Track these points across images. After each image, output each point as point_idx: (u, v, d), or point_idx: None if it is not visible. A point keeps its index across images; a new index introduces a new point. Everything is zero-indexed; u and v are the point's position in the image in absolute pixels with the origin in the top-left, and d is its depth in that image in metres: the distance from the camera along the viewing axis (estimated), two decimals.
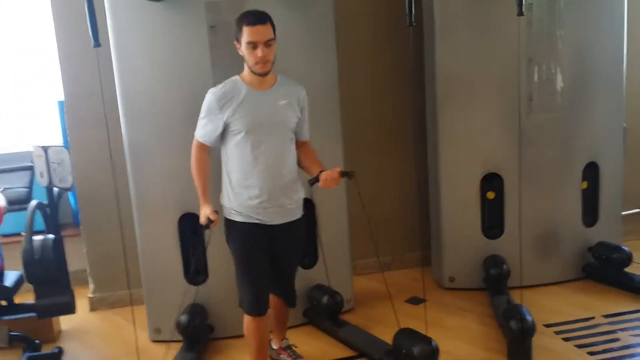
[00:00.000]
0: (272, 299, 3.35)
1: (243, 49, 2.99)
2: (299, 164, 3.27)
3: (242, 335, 3.31)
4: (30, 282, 3.60)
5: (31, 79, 5.30)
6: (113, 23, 3.65)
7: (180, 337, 3.74)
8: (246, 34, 2.94)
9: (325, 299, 3.94)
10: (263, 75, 3.04)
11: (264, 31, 2.94)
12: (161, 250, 3.89)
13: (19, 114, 5.34)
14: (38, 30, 5.06)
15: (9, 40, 5.22)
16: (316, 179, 3.10)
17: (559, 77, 4.25)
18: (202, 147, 3.15)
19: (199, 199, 3.17)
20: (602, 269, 4.43)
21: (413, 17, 2.95)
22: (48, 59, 4.87)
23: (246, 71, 3.08)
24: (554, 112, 4.29)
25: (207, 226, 3.11)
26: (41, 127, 5.30)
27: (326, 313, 3.96)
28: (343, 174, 3.03)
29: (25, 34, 5.20)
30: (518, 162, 4.01)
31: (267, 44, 2.96)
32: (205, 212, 3.11)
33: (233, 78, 3.11)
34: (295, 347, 3.69)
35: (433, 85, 4.32)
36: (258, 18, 2.96)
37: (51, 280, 3.58)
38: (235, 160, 3.10)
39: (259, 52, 2.94)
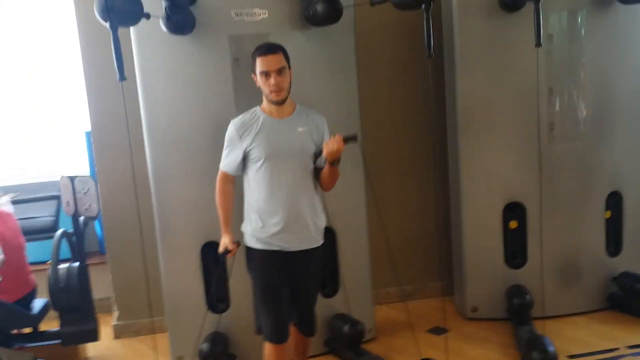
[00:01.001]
0: (292, 327, 3.36)
1: (258, 80, 3.09)
2: (321, 186, 3.31)
3: None
4: (56, 310, 3.67)
5: (60, 110, 5.44)
6: (139, 56, 3.74)
7: None
8: (259, 64, 3.05)
9: (346, 328, 3.93)
10: (279, 103, 3.10)
11: (275, 60, 3.04)
12: (184, 279, 3.93)
13: (47, 144, 5.46)
14: (67, 63, 5.20)
15: (39, 72, 5.36)
16: (320, 152, 3.11)
17: (581, 106, 4.25)
18: (225, 177, 3.21)
19: (221, 228, 3.22)
20: (627, 299, 4.37)
21: (432, 48, 2.99)
22: (76, 90, 5.00)
23: (265, 102, 3.16)
24: (575, 141, 4.28)
25: (224, 255, 3.18)
26: (69, 157, 5.42)
27: (347, 342, 3.95)
28: (345, 139, 3.02)
29: (54, 66, 5.34)
30: (540, 191, 3.99)
31: (280, 72, 3.04)
32: (224, 241, 3.18)
33: (253, 108, 3.20)
34: None
35: (454, 115, 4.35)
36: (268, 48, 3.07)
37: (76, 308, 3.65)
38: (255, 187, 3.15)
39: (272, 80, 3.03)
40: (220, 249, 3.19)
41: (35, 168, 5.42)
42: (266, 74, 3.04)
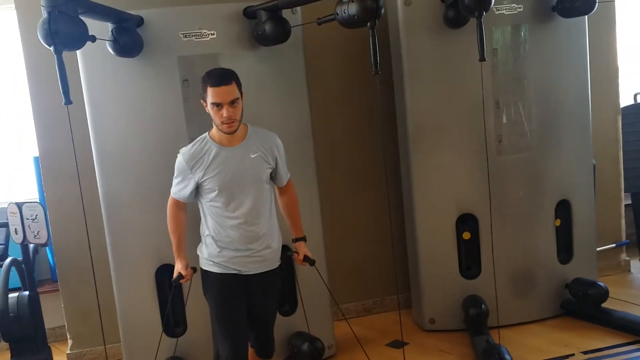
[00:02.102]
0: (250, 349, 3.33)
1: (209, 108, 3.01)
2: (282, 210, 3.32)
3: None
4: (6, 341, 3.57)
5: (7, 135, 5.32)
6: (86, 79, 3.71)
7: None
8: (210, 94, 2.95)
9: (305, 346, 3.92)
10: (230, 134, 3.05)
11: (229, 91, 2.95)
12: (139, 303, 3.88)
13: None
14: (13, 86, 5.10)
15: None
16: (290, 254, 3.53)
17: (527, 118, 4.34)
18: (176, 203, 3.19)
19: (174, 255, 3.20)
20: (580, 305, 4.45)
21: (378, 65, 3.02)
22: (24, 114, 4.90)
23: (214, 129, 3.10)
24: (523, 152, 4.37)
25: (177, 281, 3.20)
26: (17, 183, 5.30)
27: None
28: (305, 259, 3.42)
29: (1, 89, 5.23)
30: (490, 202, 4.06)
31: (232, 103, 2.96)
32: (177, 268, 3.18)
33: (203, 136, 3.14)
34: None
35: (404, 130, 4.39)
36: (222, 79, 2.96)
37: (27, 338, 3.56)
38: (210, 215, 3.13)
39: (224, 112, 2.94)
40: (174, 275, 3.17)
41: None
42: (218, 105, 2.96)
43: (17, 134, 5.29)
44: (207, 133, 3.14)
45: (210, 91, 2.95)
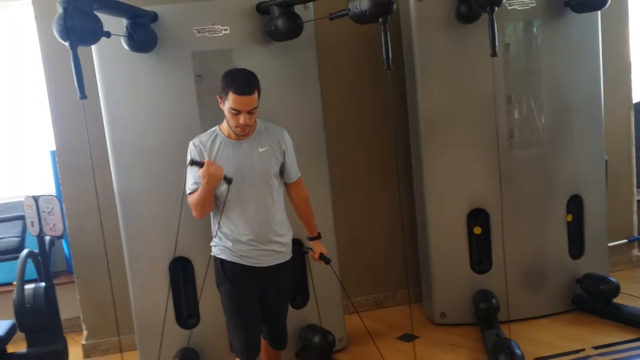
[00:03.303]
0: (263, 341, 3.37)
1: (225, 110, 3.03)
2: (294, 209, 3.35)
3: None
4: (23, 331, 3.63)
5: (24, 129, 5.40)
6: (101, 74, 3.75)
7: None
8: (232, 100, 2.97)
9: (317, 338, 3.94)
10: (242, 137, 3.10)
11: (250, 101, 2.98)
12: (153, 296, 3.92)
13: (11, 163, 5.41)
14: (31, 80, 5.17)
15: (2, 90, 5.32)
16: (306, 252, 3.56)
17: (539, 113, 4.34)
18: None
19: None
20: (591, 300, 4.45)
21: (390, 61, 3.05)
22: (41, 109, 4.97)
23: (225, 123, 3.13)
24: (535, 147, 4.37)
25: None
26: (35, 177, 5.38)
27: (318, 353, 3.96)
28: (321, 257, 3.45)
29: (18, 84, 5.29)
30: (501, 197, 4.07)
31: (251, 112, 3.01)
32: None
33: (213, 129, 3.19)
34: None
35: (416, 125, 4.41)
36: (246, 88, 2.98)
37: (43, 328, 3.61)
38: (220, 208, 3.15)
39: (241, 119, 2.98)
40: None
41: (2, 188, 5.36)
42: (237, 112, 2.99)
43: (33, 128, 5.36)
44: (217, 126, 3.18)
45: (232, 97, 2.97)
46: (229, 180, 3.02)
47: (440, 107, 4.32)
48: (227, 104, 3.00)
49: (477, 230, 4.42)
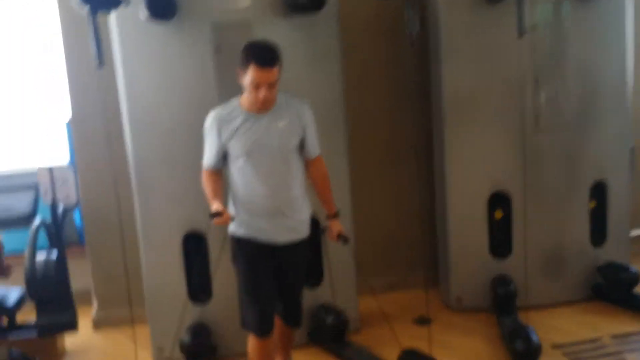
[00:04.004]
0: (277, 319, 3.32)
1: (245, 83, 2.95)
2: (313, 186, 3.28)
3: (245, 355, 3.29)
4: (33, 300, 3.61)
5: (41, 99, 5.36)
6: (119, 43, 3.69)
7: (182, 356, 3.74)
8: (252, 72, 2.89)
9: (330, 319, 3.92)
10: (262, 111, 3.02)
11: (271, 74, 2.90)
12: (165, 269, 3.89)
13: (26, 133, 5.39)
14: (49, 51, 5.12)
15: (19, 60, 5.27)
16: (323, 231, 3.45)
17: (566, 97, 4.24)
18: (209, 172, 3.14)
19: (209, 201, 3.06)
20: (611, 289, 4.38)
21: (415, 37, 2.96)
22: (58, 79, 4.93)
23: (245, 96, 3.05)
24: (560, 131, 4.28)
25: (212, 217, 2.92)
26: (48, 147, 5.35)
27: (331, 333, 3.93)
28: (339, 237, 3.34)
29: (35, 54, 5.25)
30: (525, 181, 3.99)
31: (271, 85, 2.92)
32: (215, 206, 2.95)
33: (232, 101, 3.11)
34: None
35: (439, 104, 4.33)
36: (267, 60, 2.89)
37: (53, 298, 3.60)
38: (238, 182, 3.10)
39: (261, 93, 2.91)
40: (212, 210, 2.94)
41: (14, 157, 5.34)
42: (257, 85, 2.91)
43: (49, 98, 5.32)
44: (237, 98, 3.10)
45: (252, 69, 2.88)
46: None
47: (464, 88, 4.23)
48: (248, 77, 2.92)
49: (498, 214, 4.35)
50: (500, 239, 4.41)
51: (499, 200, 4.35)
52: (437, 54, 4.28)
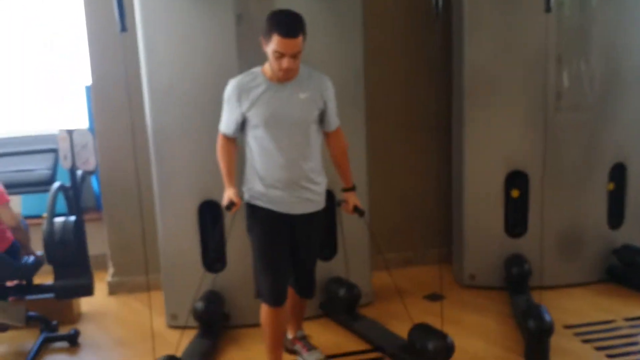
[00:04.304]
0: (290, 289, 3.34)
1: (269, 53, 2.93)
2: (331, 158, 3.27)
3: (257, 324, 3.32)
4: (50, 264, 3.65)
5: (60, 63, 5.38)
6: (141, 8, 3.67)
7: (196, 324, 3.77)
8: (275, 42, 2.86)
9: (342, 291, 3.92)
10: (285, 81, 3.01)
11: (294, 44, 2.86)
12: (180, 237, 3.91)
13: (46, 96, 5.41)
14: (69, 14, 5.12)
15: (40, 23, 5.28)
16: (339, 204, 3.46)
17: (589, 76, 4.18)
18: (225, 139, 3.16)
19: (224, 182, 3.16)
20: (627, 272, 4.35)
21: (439, 6, 2.91)
22: (79, 43, 4.93)
23: (268, 65, 3.03)
24: (582, 111, 4.22)
25: (228, 208, 3.09)
26: (68, 111, 5.38)
27: (343, 306, 3.95)
28: (355, 210, 3.34)
29: (56, 18, 5.25)
30: (544, 160, 3.95)
31: (295, 55, 2.90)
32: (228, 194, 3.10)
33: (255, 69, 3.08)
34: (310, 338, 3.69)
35: (460, 80, 4.29)
36: (291, 30, 2.86)
37: (71, 262, 3.63)
38: (256, 151, 3.10)
39: (284, 63, 2.88)
40: (224, 202, 3.11)
41: (34, 120, 5.38)
42: (281, 55, 2.89)
43: (69, 62, 5.34)
44: (259, 67, 3.08)
45: (275, 39, 2.85)
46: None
47: (486, 63, 4.19)
48: (271, 46, 2.90)
49: (515, 193, 4.32)
50: (516, 218, 4.39)
51: (516, 179, 4.32)
52: (460, 28, 4.23)
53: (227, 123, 3.11)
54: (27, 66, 5.38)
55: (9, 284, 3.77)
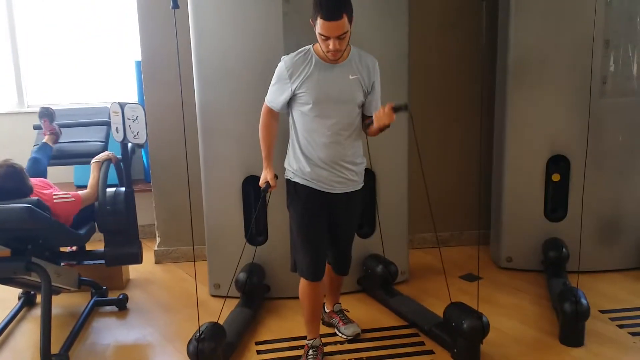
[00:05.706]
0: (328, 266, 3.42)
1: (317, 34, 2.97)
2: (366, 133, 3.30)
3: (296, 297, 3.41)
4: (102, 232, 3.80)
5: (112, 38, 5.52)
6: None
7: (237, 294, 3.89)
8: (320, 25, 2.90)
9: (379, 268, 4.00)
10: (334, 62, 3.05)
11: (338, 26, 2.89)
12: (225, 210, 4.03)
13: (98, 70, 5.56)
14: None
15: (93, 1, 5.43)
16: (370, 121, 3.15)
17: (636, 62, 4.12)
18: (270, 111, 3.22)
19: (263, 162, 3.27)
20: None
21: None
22: (130, 18, 5.06)
23: (318, 45, 3.07)
24: (627, 96, 4.18)
25: (265, 190, 3.23)
26: (119, 85, 5.53)
27: (380, 282, 4.02)
28: (396, 109, 3.01)
29: None
30: (586, 145, 3.94)
31: (340, 37, 2.93)
32: (265, 176, 3.23)
33: (307, 48, 3.12)
34: (347, 311, 3.78)
35: (505, 63, 4.27)
36: (334, 13, 2.87)
37: (121, 231, 3.77)
38: (301, 128, 3.16)
39: (330, 44, 2.92)
40: (261, 182, 3.24)
41: (87, 93, 5.55)
42: (325, 37, 2.93)
43: (121, 37, 5.47)
44: (311, 46, 3.12)
45: (320, 22, 2.90)
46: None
47: (532, 46, 4.17)
48: (317, 29, 2.95)
49: (556, 177, 4.32)
50: (555, 202, 4.39)
51: (557, 163, 4.31)
52: (506, 10, 4.21)
53: (274, 99, 3.16)
54: (82, 40, 5.53)
55: (63, 249, 3.96)
